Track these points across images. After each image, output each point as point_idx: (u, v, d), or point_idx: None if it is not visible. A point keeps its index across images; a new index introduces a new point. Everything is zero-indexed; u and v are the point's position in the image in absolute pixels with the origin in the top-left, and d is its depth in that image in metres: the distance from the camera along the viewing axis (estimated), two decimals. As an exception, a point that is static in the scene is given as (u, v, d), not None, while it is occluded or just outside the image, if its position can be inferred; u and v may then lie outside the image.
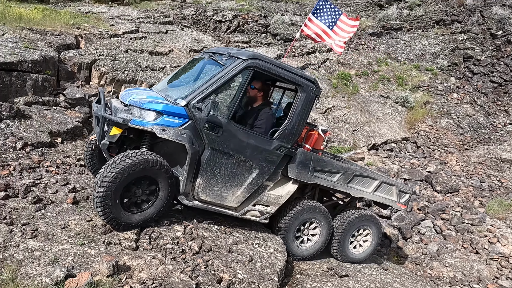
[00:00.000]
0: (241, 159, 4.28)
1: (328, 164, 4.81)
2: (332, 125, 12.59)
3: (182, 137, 3.91)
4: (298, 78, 4.41)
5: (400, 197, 5.53)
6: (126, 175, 3.65)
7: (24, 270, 3.11)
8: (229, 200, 4.38)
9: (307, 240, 5.04)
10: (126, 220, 3.83)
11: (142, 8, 17.95)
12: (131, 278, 3.20)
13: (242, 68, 4.11)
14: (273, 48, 16.03)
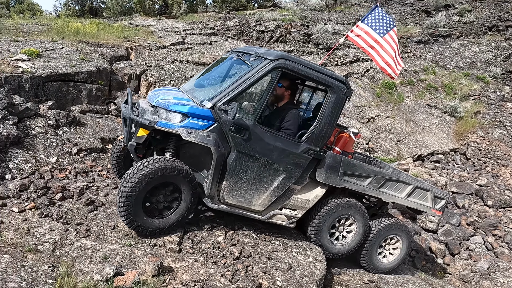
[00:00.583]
0: (268, 162, 4.21)
1: (359, 167, 4.66)
2: (375, 135, 12.33)
3: (208, 140, 3.88)
4: (328, 79, 4.28)
5: (435, 203, 5.29)
6: (146, 182, 3.66)
7: (77, 266, 3.33)
8: (254, 203, 4.32)
9: (342, 237, 4.90)
10: (148, 226, 3.85)
11: (188, 20, 18.62)
12: (174, 279, 3.33)
13: (270, 69, 4.02)
14: (315, 57, 16.01)
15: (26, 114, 5.97)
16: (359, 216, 4.79)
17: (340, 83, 4.33)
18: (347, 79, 4.46)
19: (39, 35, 11.40)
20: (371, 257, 5.10)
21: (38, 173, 5.01)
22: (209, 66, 5.05)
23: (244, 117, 4.03)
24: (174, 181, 3.83)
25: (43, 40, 10.59)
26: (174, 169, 3.78)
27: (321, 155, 4.41)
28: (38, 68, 7.57)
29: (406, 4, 23.85)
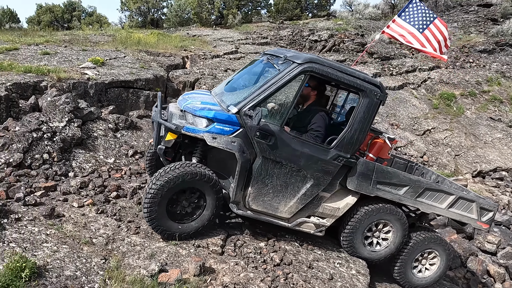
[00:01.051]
0: (295, 169, 4.09)
1: (394, 175, 4.42)
2: (431, 148, 11.78)
3: (232, 145, 3.85)
4: (360, 82, 4.08)
5: (481, 215, 4.90)
6: (168, 187, 3.69)
7: (126, 261, 3.54)
8: (281, 210, 4.23)
9: (377, 243, 4.68)
10: (172, 230, 3.88)
11: (243, 30, 19.07)
12: (215, 280, 3.43)
13: (297, 73, 3.91)
14: (369, 66, 15.68)
15: (89, 118, 6.46)
16: (397, 223, 4.55)
17: (374, 87, 4.13)
18: (381, 82, 4.24)
19: (105, 45, 12.27)
20: (406, 270, 4.84)
21: (97, 172, 5.39)
22: (241, 69, 5.01)
23: (270, 122, 3.97)
24: (198, 187, 3.84)
25: (108, 49, 11.40)
26: (196, 174, 3.77)
27: (352, 162, 4.23)
28: (102, 75, 8.16)
29: (470, 11, 22.64)
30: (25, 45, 10.54)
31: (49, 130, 5.57)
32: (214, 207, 3.96)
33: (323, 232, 4.44)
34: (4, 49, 9.52)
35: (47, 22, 21.22)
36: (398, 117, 12.82)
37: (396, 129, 12.18)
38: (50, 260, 3.25)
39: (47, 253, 3.34)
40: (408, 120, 12.79)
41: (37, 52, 9.62)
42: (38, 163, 5.18)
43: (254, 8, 23.60)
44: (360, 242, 4.53)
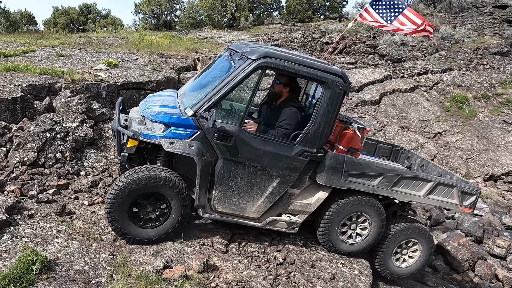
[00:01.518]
0: (259, 168, 3.99)
1: (366, 166, 4.31)
2: (442, 151, 11.69)
3: (190, 149, 3.76)
4: (321, 74, 3.91)
5: (463, 199, 4.76)
6: (130, 190, 3.62)
7: (133, 257, 3.66)
8: (249, 211, 4.15)
9: (356, 235, 4.59)
10: (133, 234, 3.80)
11: (254, 32, 19.19)
12: (218, 278, 3.52)
13: (252, 69, 3.77)
14: (380, 69, 15.63)
15: (101, 118, 6.63)
16: (373, 213, 4.45)
17: (336, 77, 3.97)
18: (343, 72, 4.11)
19: (118, 47, 12.52)
20: (386, 260, 4.77)
21: (107, 171, 5.54)
22: (208, 65, 4.81)
23: (227, 122, 3.86)
24: (162, 192, 3.75)
25: (121, 51, 11.63)
26: (161, 179, 3.68)
27: (320, 156, 4.12)
28: (114, 77, 8.34)
29: (485, 13, 22.35)
30: (41, 47, 10.83)
31: (62, 130, 5.74)
32: (179, 215, 3.86)
33: (295, 229, 4.36)
34: (21, 51, 9.80)
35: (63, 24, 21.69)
36: (408, 119, 12.76)
37: (406, 131, 12.13)
38: (60, 255, 3.38)
39: (57, 248, 3.48)
40: (419, 122, 12.71)
41: (52, 54, 9.88)
42: (51, 162, 5.36)
43: (266, 10, 23.71)
44: (337, 236, 4.45)
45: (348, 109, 12.86)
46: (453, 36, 18.73)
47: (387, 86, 14.41)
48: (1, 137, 5.44)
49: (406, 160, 5.93)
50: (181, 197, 3.79)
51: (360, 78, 14.77)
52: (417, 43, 18.04)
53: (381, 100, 13.62)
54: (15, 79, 7.05)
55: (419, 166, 5.61)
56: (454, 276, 6.77)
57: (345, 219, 4.42)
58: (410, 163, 5.82)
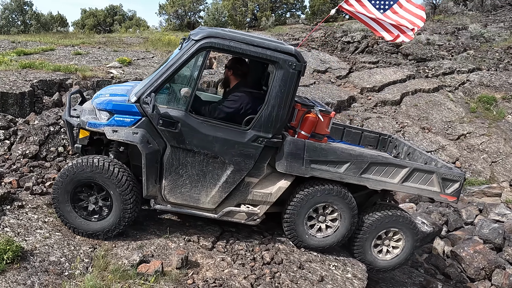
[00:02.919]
0: (210, 156, 3.78)
1: (330, 152, 4.01)
2: (465, 154, 11.14)
3: (134, 137, 3.57)
4: (271, 53, 3.66)
5: (444, 186, 4.33)
6: (66, 181, 3.53)
7: (115, 250, 3.61)
8: (203, 201, 3.93)
9: (326, 227, 4.28)
10: (76, 225, 3.67)
11: (275, 32, 19.06)
12: (197, 274, 3.41)
13: (195, 50, 3.58)
14: (403, 68, 15.13)
15: (106, 114, 6.68)
16: (342, 204, 4.13)
17: (288, 56, 3.70)
18: (297, 50, 3.81)
19: (136, 46, 12.70)
20: (366, 251, 4.43)
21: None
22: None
23: (173, 108, 3.67)
24: (101, 183, 3.58)
25: (138, 50, 11.79)
26: (97, 167, 3.52)
27: (277, 142, 3.87)
28: (126, 74, 8.44)
29: (520, 11, 21.29)
30: (62, 46, 11.13)
31: (65, 124, 5.82)
32: (121, 209, 3.64)
33: (257, 221, 4.12)
34: (41, 49, 10.10)
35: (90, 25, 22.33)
36: (430, 120, 12.25)
37: (427, 133, 11.65)
38: (39, 245, 3.38)
39: (38, 238, 3.48)
40: (442, 124, 12.18)
41: (70, 52, 10.12)
42: (53, 155, 5.42)
43: (289, 10, 23.54)
44: (303, 229, 4.16)
45: (367, 109, 12.51)
46: (483, 35, 17.91)
47: (409, 86, 13.91)
48: (6, 130, 5.56)
49: (394, 149, 5.60)
50: (120, 188, 3.58)
51: (381, 78, 14.35)
52: (443, 42, 17.36)
53: (402, 100, 13.17)
54: (28, 75, 7.24)
55: (406, 154, 5.27)
56: (468, 285, 6.38)
57: (310, 210, 4.12)
58: (398, 152, 5.50)
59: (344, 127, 5.65)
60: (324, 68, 14.59)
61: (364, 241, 4.38)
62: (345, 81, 14.17)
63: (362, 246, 4.40)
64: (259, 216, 4.10)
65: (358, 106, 12.57)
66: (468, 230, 7.98)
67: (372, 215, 4.35)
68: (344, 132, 5.59)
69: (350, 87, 13.86)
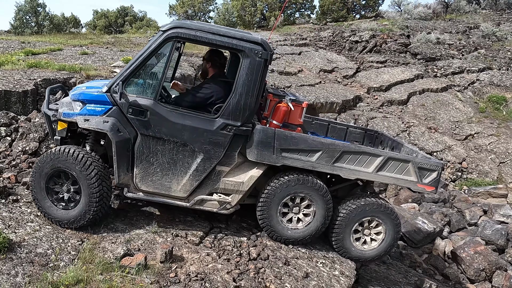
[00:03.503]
0: (179, 144, 3.85)
1: (301, 141, 4.00)
2: (472, 154, 10.96)
3: (104, 125, 3.67)
4: (237, 42, 3.74)
5: (422, 176, 4.24)
6: (40, 170, 3.68)
7: (103, 244, 3.68)
8: (174, 189, 3.97)
9: (299, 219, 4.24)
10: (49, 212, 3.76)
11: (283, 32, 19.05)
12: (181, 268, 3.46)
13: (162, 41, 3.70)
14: (411, 68, 14.97)
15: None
16: (315, 194, 4.10)
17: (254, 45, 3.77)
18: (263, 39, 3.88)
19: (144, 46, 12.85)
20: (344, 242, 4.33)
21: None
22: None
23: (142, 96, 3.77)
24: (69, 171, 3.68)
25: (144, 50, 11.93)
26: (62, 155, 3.62)
27: (246, 130, 3.90)
28: (129, 74, 8.55)
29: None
30: (70, 46, 11.35)
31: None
32: (87, 201, 3.69)
33: (230, 210, 4.12)
34: (48, 49, 10.32)
35: (102, 26, 22.67)
36: (437, 120, 12.10)
37: (433, 133, 11.51)
38: (27, 238, 3.47)
39: (28, 231, 3.58)
40: (449, 124, 12.02)
41: (77, 52, 10.32)
42: (52, 152, 5.55)
43: (298, 10, 23.49)
44: (277, 220, 4.12)
45: (373, 109, 12.42)
46: (495, 34, 17.58)
47: (417, 86, 13.77)
48: (8, 127, 5.71)
49: (380, 145, 5.55)
50: (87, 179, 3.65)
51: (389, 77, 14.23)
52: (454, 41, 17.11)
53: (409, 100, 13.03)
54: (33, 74, 7.41)
55: (391, 148, 5.21)
56: (467, 286, 6.29)
57: (284, 201, 4.11)
58: (383, 147, 5.44)
59: (329, 123, 5.62)
60: (331, 68, 14.53)
61: (342, 231, 4.30)
62: (352, 80, 14.09)
63: (340, 236, 4.32)
64: (232, 206, 4.10)
65: (364, 106, 12.48)
66: (471, 231, 7.86)
67: (350, 204, 4.29)
68: (329, 128, 5.56)
69: (356, 86, 13.78)
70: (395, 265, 6.03)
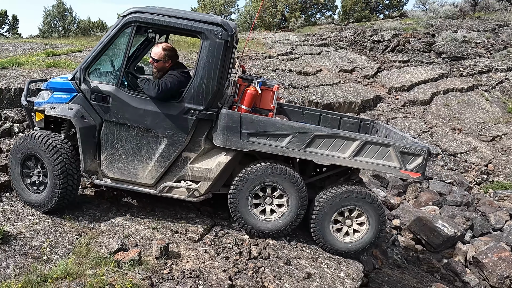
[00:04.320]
0: (143, 129, 3.81)
1: (268, 124, 3.85)
2: (499, 156, 10.44)
3: (68, 112, 3.71)
4: (196, 24, 3.66)
5: (405, 161, 3.95)
6: (14, 155, 3.83)
7: (101, 239, 3.63)
8: (140, 176, 3.91)
9: (271, 211, 4.06)
10: (23, 195, 3.89)
11: (304, 32, 18.85)
12: (176, 265, 3.36)
13: (121, 26, 3.70)
14: (435, 67, 14.47)
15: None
16: (287, 184, 3.92)
17: (214, 26, 3.67)
18: (224, 20, 3.79)
19: (162, 47, 12.97)
20: (324, 233, 4.06)
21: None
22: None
23: (104, 82, 3.77)
24: (36, 154, 3.76)
25: (162, 51, 12.03)
26: (31, 138, 3.73)
27: (210, 115, 3.80)
28: (144, 73, 8.59)
29: None
30: (91, 48, 11.58)
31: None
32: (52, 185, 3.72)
33: (199, 198, 3.99)
34: (69, 50, 10.53)
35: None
36: (462, 121, 11.61)
37: (458, 133, 11.04)
38: (25, 230, 3.46)
39: (26, 224, 3.57)
40: (474, 124, 11.50)
41: (96, 53, 10.49)
42: (63, 148, 5.59)
43: (319, 10, 23.23)
44: (248, 211, 3.96)
45: (394, 109, 12.05)
46: (527, 31, 16.80)
47: (441, 85, 13.28)
48: (21, 124, 5.81)
49: (376, 134, 5.24)
50: (52, 163, 3.68)
51: (411, 77, 13.80)
52: (482, 40, 16.45)
53: (432, 100, 12.58)
54: (50, 73, 7.55)
55: (384, 136, 4.93)
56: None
57: (254, 191, 3.95)
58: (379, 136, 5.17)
59: (321, 112, 5.38)
60: (351, 68, 14.23)
61: (320, 221, 4.05)
62: (373, 80, 13.74)
63: (318, 226, 4.07)
64: (201, 193, 3.99)
65: (384, 106, 12.13)
66: (496, 236, 7.44)
67: (327, 192, 4.05)
68: (321, 118, 5.30)
69: (377, 86, 13.42)
70: (411, 270, 5.76)
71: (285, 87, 11.19)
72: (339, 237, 4.12)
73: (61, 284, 2.81)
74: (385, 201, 8.12)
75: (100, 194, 4.53)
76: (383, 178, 9.02)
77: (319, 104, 10.82)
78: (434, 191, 8.68)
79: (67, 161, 3.74)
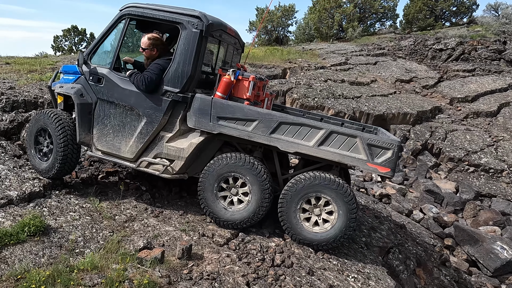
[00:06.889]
0: (127, 108, 4.29)
1: (237, 109, 4.08)
2: None
3: (71, 90, 4.37)
4: (176, 16, 4.16)
5: (373, 155, 3.78)
6: (30, 128, 4.62)
7: (132, 237, 3.83)
8: (123, 150, 4.38)
9: (238, 201, 4.20)
10: (34, 164, 4.63)
11: (361, 42, 18.45)
12: (197, 266, 3.43)
13: (117, 18, 4.34)
14: (505, 76, 13.36)
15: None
16: (249, 174, 4.06)
17: (191, 18, 4.12)
18: (202, 12, 4.18)
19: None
20: (292, 222, 4.04)
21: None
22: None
23: (100, 66, 4.37)
24: (49, 129, 4.44)
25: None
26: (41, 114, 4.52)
27: (184, 98, 4.16)
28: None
29: None
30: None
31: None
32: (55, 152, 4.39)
33: (174, 176, 4.29)
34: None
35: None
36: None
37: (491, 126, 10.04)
38: (65, 225, 3.76)
39: (67, 219, 3.88)
40: (549, 138, 10.39)
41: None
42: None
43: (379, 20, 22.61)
44: (213, 199, 4.19)
45: (455, 121, 11.31)
46: None
47: (511, 96, 12.21)
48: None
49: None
50: (55, 133, 4.38)
51: (476, 87, 12.87)
52: None
53: (499, 111, 11.61)
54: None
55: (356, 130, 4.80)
56: None
57: (219, 181, 4.18)
58: None
59: (322, 117, 5.39)
60: (409, 78, 13.63)
61: (286, 209, 4.06)
62: (432, 90, 13.03)
63: (285, 214, 4.08)
64: (175, 171, 4.29)
65: (444, 118, 11.42)
66: None
67: (292, 179, 4.08)
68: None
69: (437, 97, 12.70)
70: (459, 293, 5.32)
71: (336, 98, 11.01)
72: (308, 226, 4.06)
73: (85, 275, 3.01)
74: (438, 218, 7.61)
75: (139, 196, 4.79)
76: (438, 194, 8.47)
77: (371, 114, 10.49)
78: (496, 210, 7.96)
79: (68, 132, 4.42)
